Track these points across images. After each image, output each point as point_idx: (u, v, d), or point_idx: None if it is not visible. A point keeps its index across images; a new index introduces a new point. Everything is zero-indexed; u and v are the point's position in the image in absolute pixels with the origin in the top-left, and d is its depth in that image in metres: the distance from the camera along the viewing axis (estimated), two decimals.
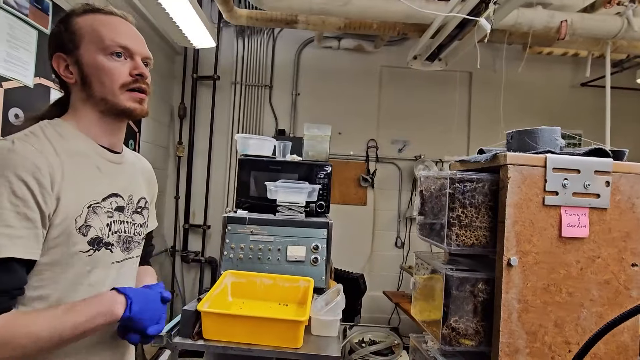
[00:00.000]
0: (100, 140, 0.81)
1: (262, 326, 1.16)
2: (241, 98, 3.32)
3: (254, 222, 1.69)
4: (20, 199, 0.65)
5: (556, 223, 0.70)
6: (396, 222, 3.42)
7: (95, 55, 0.77)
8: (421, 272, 0.90)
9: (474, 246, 0.73)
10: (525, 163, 0.70)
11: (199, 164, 3.33)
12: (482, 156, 0.76)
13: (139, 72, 0.79)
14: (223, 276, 1.44)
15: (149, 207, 0.97)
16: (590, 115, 3.39)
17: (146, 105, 0.83)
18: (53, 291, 0.71)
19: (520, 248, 0.69)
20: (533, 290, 0.69)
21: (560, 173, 0.71)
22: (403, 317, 3.14)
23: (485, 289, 0.72)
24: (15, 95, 1.56)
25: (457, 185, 0.72)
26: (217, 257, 3.35)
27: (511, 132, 0.82)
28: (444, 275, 0.72)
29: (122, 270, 0.83)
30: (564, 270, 0.70)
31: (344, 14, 2.25)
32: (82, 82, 0.78)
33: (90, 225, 0.74)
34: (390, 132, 3.41)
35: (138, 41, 0.82)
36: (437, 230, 0.76)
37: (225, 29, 3.33)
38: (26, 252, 0.65)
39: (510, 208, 0.69)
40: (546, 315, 0.69)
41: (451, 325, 0.71)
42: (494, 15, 1.81)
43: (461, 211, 0.72)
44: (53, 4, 1.73)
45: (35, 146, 0.69)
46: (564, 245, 0.70)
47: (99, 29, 0.78)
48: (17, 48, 1.55)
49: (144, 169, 0.99)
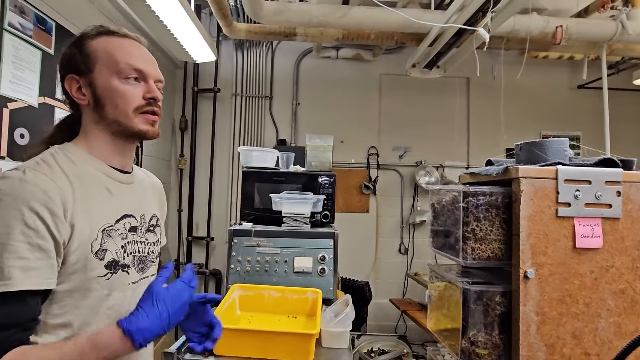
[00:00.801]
0: (111, 161, 0.82)
1: (274, 340, 1.15)
2: (242, 109, 3.34)
3: (260, 235, 1.69)
4: (32, 229, 0.64)
5: (570, 234, 0.71)
6: (399, 229, 3.42)
7: (109, 78, 0.77)
8: (435, 284, 0.90)
9: (490, 259, 0.73)
10: (536, 175, 0.71)
11: (201, 176, 3.34)
12: (493, 169, 0.77)
13: (152, 96, 0.80)
14: (231, 290, 1.43)
15: (161, 224, 0.97)
16: (589, 117, 3.43)
17: (157, 127, 0.84)
18: (75, 317, 0.71)
19: (535, 260, 0.69)
20: (549, 301, 0.69)
21: (571, 184, 0.71)
22: (409, 324, 3.12)
23: (502, 302, 0.72)
24: (21, 115, 1.56)
25: (471, 199, 0.72)
26: (222, 269, 3.33)
27: (520, 143, 0.83)
28: (462, 289, 0.73)
29: (138, 291, 0.81)
30: (578, 281, 0.71)
31: (342, 25, 2.28)
32: (95, 104, 0.79)
33: (106, 249, 0.74)
34: (390, 139, 3.43)
35: (151, 64, 0.82)
36: (451, 244, 0.77)
37: (225, 42, 3.36)
38: (40, 282, 0.65)
39: (524, 221, 0.70)
40: (562, 327, 0.69)
41: (470, 339, 0.72)
42: (491, 24, 1.84)
43: (475, 224, 0.72)
44: (56, 25, 1.75)
45: (47, 174, 0.69)
46: (578, 256, 0.71)
47: (113, 51, 0.78)
48: (22, 69, 1.56)
49: (154, 185, 0.99)
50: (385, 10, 2.21)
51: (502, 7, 1.84)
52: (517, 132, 3.14)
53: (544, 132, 3.52)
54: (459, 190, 0.73)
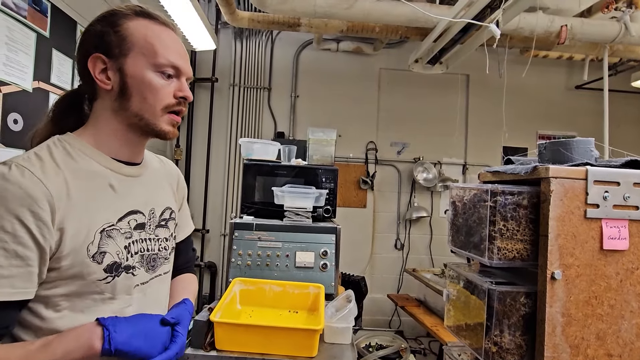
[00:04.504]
0: (119, 153, 0.75)
1: (277, 336, 1.14)
2: (239, 100, 3.27)
3: (261, 228, 1.66)
4: (9, 234, 0.59)
5: (597, 236, 0.70)
6: (395, 224, 3.43)
7: (144, 68, 0.71)
8: (454, 283, 0.89)
9: (515, 259, 0.72)
10: (566, 176, 0.70)
11: (197, 167, 3.27)
12: (520, 167, 0.76)
13: (184, 95, 0.75)
14: (232, 284, 1.41)
15: (177, 216, 0.91)
16: (585, 118, 3.47)
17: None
18: (73, 321, 0.66)
19: (563, 261, 0.69)
20: (576, 303, 0.69)
21: (600, 186, 0.71)
22: (404, 319, 3.15)
23: (527, 303, 0.72)
24: (14, 100, 1.49)
25: (498, 198, 0.71)
26: (217, 261, 3.30)
27: (544, 142, 0.82)
28: (486, 289, 0.72)
29: (149, 291, 0.78)
30: (604, 283, 0.70)
31: (348, 17, 2.24)
32: (120, 92, 0.72)
33: (105, 252, 0.68)
34: (389, 134, 3.42)
35: (186, 60, 0.77)
36: (475, 243, 0.76)
37: (223, 30, 3.28)
38: (12, 293, 0.59)
39: (553, 221, 0.69)
40: (587, 328, 0.69)
41: (493, 339, 0.71)
42: (502, 19, 1.83)
43: (502, 224, 0.71)
44: (52, 6, 1.67)
45: (36, 173, 0.63)
46: (605, 258, 0.70)
47: (154, 42, 0.72)
48: (16, 51, 1.49)
49: (170, 174, 0.94)
50: (392, 3, 2.17)
51: (510, 4, 1.83)
52: (513, 131, 3.16)
53: (540, 131, 3.56)
54: (487, 189, 0.72)
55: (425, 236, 3.44)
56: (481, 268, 0.84)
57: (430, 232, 3.44)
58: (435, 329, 2.14)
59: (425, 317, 2.36)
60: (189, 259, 1.02)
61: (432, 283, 2.44)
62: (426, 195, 3.44)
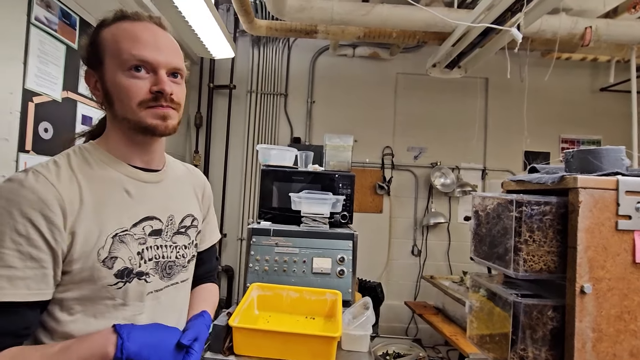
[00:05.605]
0: (132, 160, 0.75)
1: (295, 342, 1.14)
2: (257, 106, 3.32)
3: (278, 234, 1.67)
4: (23, 237, 0.60)
5: (630, 248, 0.67)
6: (412, 230, 3.39)
7: (115, 71, 0.69)
8: (477, 293, 0.87)
9: (542, 272, 0.70)
10: (596, 186, 0.68)
11: (215, 173, 3.33)
12: (546, 177, 0.74)
13: (159, 89, 0.70)
14: (250, 289, 1.42)
15: (200, 224, 0.90)
16: (611, 121, 3.35)
17: (174, 121, 0.73)
18: (86, 325, 0.67)
19: (593, 275, 0.66)
20: (607, 318, 0.66)
21: (633, 196, 0.68)
22: (422, 327, 3.09)
23: (554, 317, 0.69)
24: (45, 109, 1.56)
25: (524, 209, 0.69)
26: (234, 265, 3.33)
27: (572, 151, 0.80)
28: (511, 302, 0.70)
29: (163, 299, 0.76)
30: (638, 297, 0.68)
31: (365, 23, 2.24)
32: (106, 100, 0.72)
33: (116, 257, 0.68)
34: (405, 139, 3.39)
35: (162, 52, 0.71)
36: (499, 254, 0.74)
37: (241, 38, 3.34)
38: (28, 294, 0.61)
39: (582, 233, 0.66)
40: (620, 344, 0.66)
41: (519, 354, 0.69)
42: (523, 23, 1.79)
43: (528, 235, 0.69)
44: (80, 19, 1.74)
45: (50, 179, 0.64)
46: (638, 271, 0.68)
47: (119, 40, 0.69)
48: (47, 63, 1.55)
49: (196, 182, 0.93)
50: (410, 8, 2.16)
51: (532, 7, 1.79)
52: (534, 134, 3.08)
53: (562, 135, 3.45)
54: (511, 198, 0.70)
55: (443, 242, 3.38)
56: (505, 279, 0.82)
57: (449, 238, 3.37)
58: (455, 338, 2.09)
59: (444, 326, 2.31)
60: (211, 268, 1.01)
61: (450, 291, 2.39)
62: (444, 201, 3.39)
